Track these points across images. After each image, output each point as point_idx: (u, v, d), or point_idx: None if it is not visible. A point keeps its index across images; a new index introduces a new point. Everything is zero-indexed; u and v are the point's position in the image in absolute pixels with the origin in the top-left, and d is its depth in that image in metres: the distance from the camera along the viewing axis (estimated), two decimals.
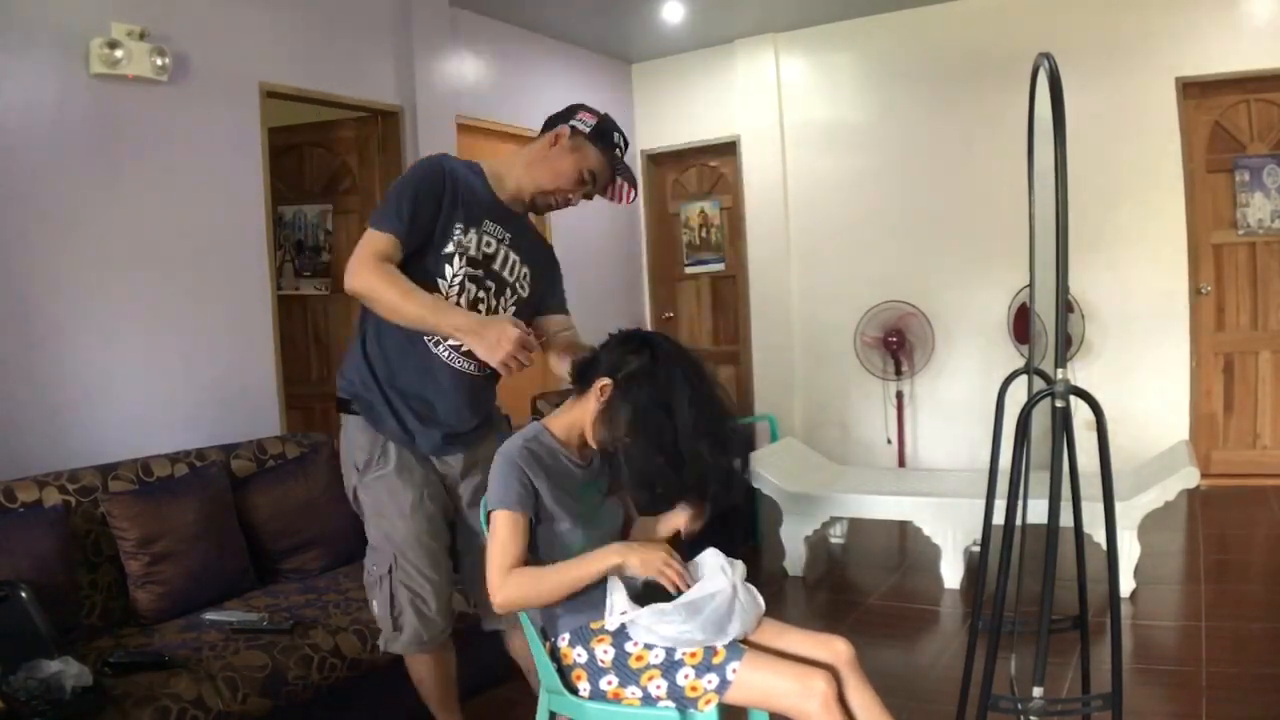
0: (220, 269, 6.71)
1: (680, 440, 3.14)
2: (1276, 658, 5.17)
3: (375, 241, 3.60)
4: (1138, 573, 6.36)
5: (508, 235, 3.86)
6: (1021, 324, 9.09)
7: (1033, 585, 3.11)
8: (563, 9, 9.41)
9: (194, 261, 6.52)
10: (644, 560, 3.12)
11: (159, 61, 6.18)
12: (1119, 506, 6.06)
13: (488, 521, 3.23)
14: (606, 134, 3.83)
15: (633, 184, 3.95)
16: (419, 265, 3.68)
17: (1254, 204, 8.91)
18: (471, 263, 3.76)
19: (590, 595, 3.24)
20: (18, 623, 3.92)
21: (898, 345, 9.73)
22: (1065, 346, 2.85)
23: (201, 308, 6.56)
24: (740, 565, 3.30)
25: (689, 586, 3.12)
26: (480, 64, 9.28)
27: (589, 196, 3.95)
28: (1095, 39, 9.17)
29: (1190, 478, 6.21)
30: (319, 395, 8.72)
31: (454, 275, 3.73)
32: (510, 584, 3.13)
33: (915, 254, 10.18)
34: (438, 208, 3.70)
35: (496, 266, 3.84)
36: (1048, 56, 3.09)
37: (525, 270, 3.93)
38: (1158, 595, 6.40)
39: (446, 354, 3.82)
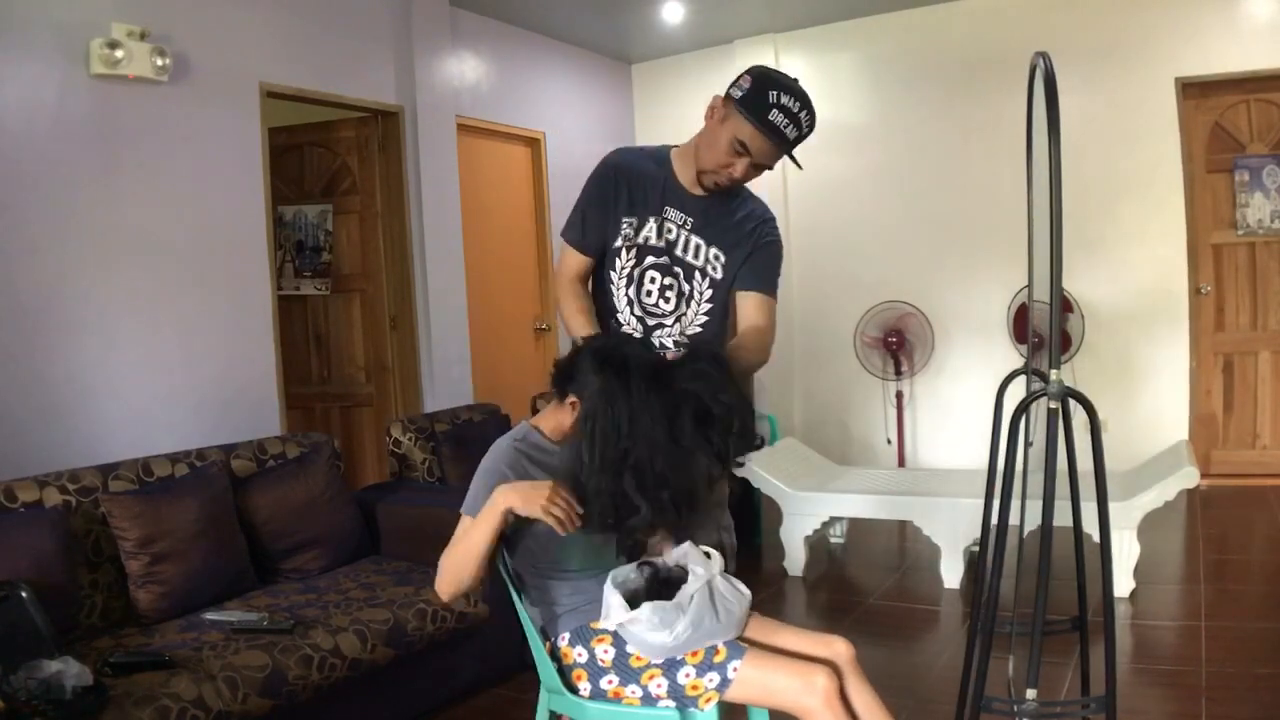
0: (220, 269, 6.72)
1: (625, 479, 3.08)
2: (1276, 658, 5.17)
3: (563, 256, 3.88)
4: (1137, 573, 6.36)
5: (689, 220, 3.79)
6: (1021, 324, 9.09)
7: (1031, 586, 3.11)
8: (563, 9, 9.41)
9: (194, 261, 6.53)
10: (525, 498, 3.05)
11: (159, 61, 6.19)
12: (1118, 506, 6.07)
13: None
14: (759, 98, 3.50)
15: (786, 151, 3.62)
16: (602, 262, 3.85)
17: (1254, 204, 8.92)
18: (654, 251, 3.78)
19: (592, 595, 3.25)
20: (18, 623, 3.92)
21: (898, 345, 9.73)
22: (1064, 346, 2.85)
23: (202, 307, 6.57)
24: (716, 556, 3.29)
25: (577, 523, 3.07)
26: (480, 64, 9.28)
27: (759, 170, 3.69)
28: (1095, 39, 9.18)
29: (1190, 478, 6.21)
30: (319, 395, 8.75)
31: (622, 268, 3.79)
32: (440, 571, 3.19)
33: (915, 254, 10.18)
34: (605, 207, 3.77)
35: (679, 252, 3.80)
36: (1044, 56, 3.10)
37: (715, 252, 3.81)
38: (1157, 595, 6.40)
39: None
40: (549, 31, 10.05)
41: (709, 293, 3.82)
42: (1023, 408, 3.24)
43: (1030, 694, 3.19)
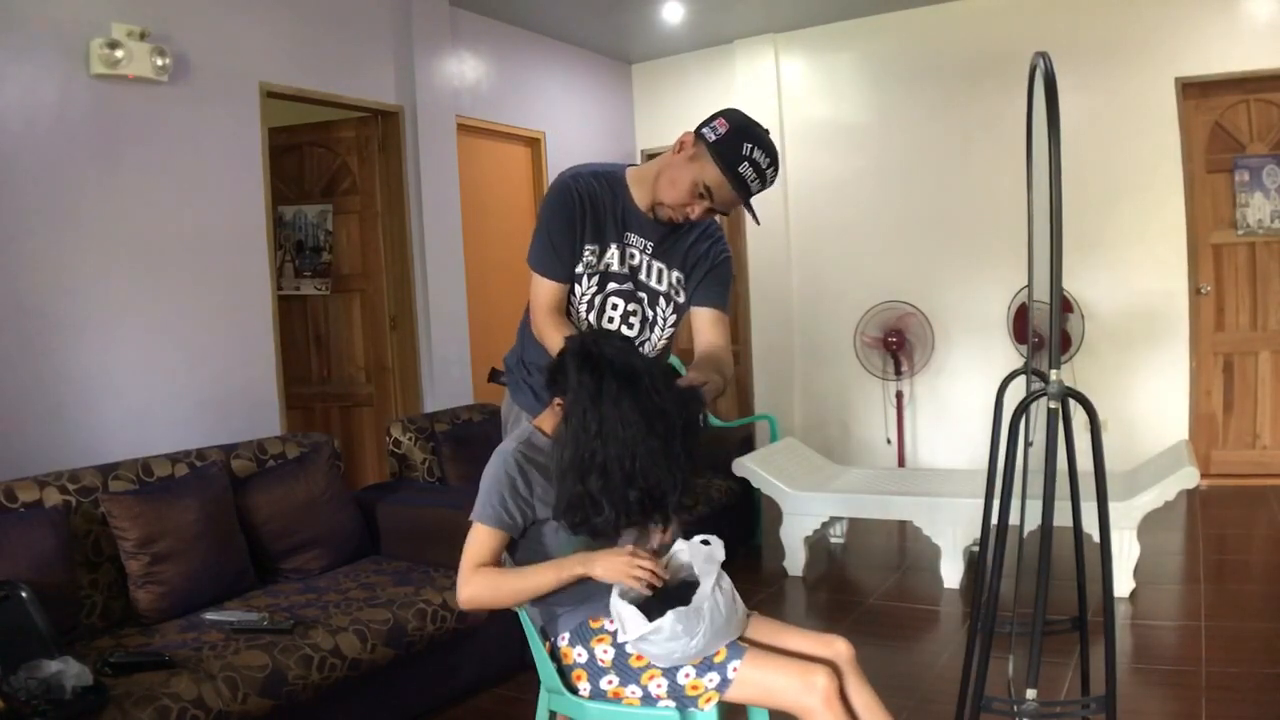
0: (221, 269, 6.72)
1: (591, 480, 3.05)
2: (1276, 658, 5.17)
3: (536, 288, 3.76)
4: (1137, 573, 6.36)
5: (649, 244, 3.75)
6: (1021, 324, 9.09)
7: (1031, 586, 3.10)
8: (563, 9, 9.41)
9: (194, 261, 6.54)
10: (607, 568, 3.05)
11: (159, 61, 6.19)
12: (1119, 506, 6.07)
13: None
14: (733, 148, 3.48)
15: (750, 212, 3.69)
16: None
17: (1253, 204, 8.92)
18: (616, 278, 3.74)
19: (590, 594, 3.24)
20: (18, 623, 3.92)
21: (897, 345, 9.73)
22: (1064, 346, 2.85)
23: (202, 308, 6.58)
24: (717, 542, 3.26)
25: (663, 582, 3.10)
26: (480, 64, 9.28)
27: (715, 214, 3.72)
28: (1095, 39, 9.18)
29: (1190, 478, 6.20)
30: (319, 395, 8.75)
31: (583, 295, 3.74)
32: (475, 581, 3.16)
33: (915, 254, 10.19)
34: (571, 233, 3.70)
35: (643, 277, 3.76)
36: (1044, 56, 3.10)
37: (676, 275, 3.80)
38: (1157, 595, 6.39)
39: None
40: (549, 31, 10.05)
41: (673, 317, 3.83)
42: (1023, 408, 3.24)
43: (1030, 694, 3.19)
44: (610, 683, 3.17)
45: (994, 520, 3.48)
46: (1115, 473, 6.44)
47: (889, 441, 10.31)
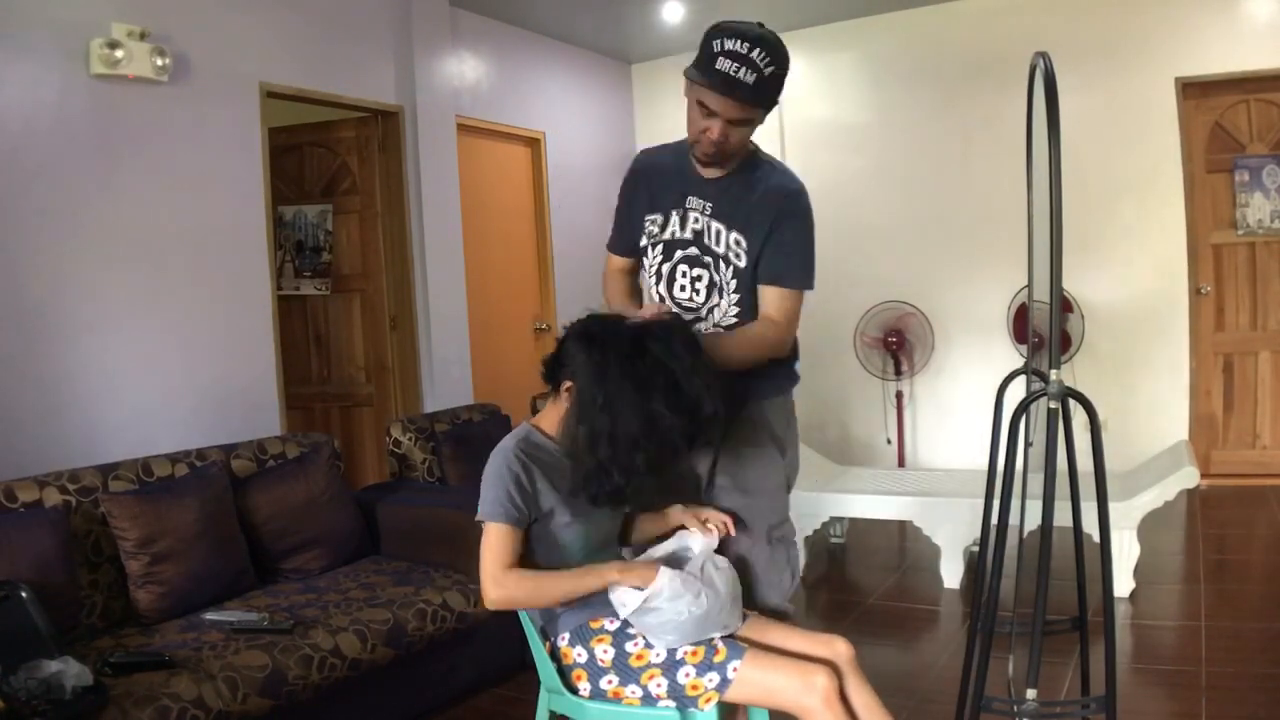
0: (221, 269, 6.72)
1: (616, 446, 3.08)
2: (1276, 658, 5.18)
3: (608, 258, 4.04)
4: (1137, 573, 6.36)
5: (708, 205, 3.68)
6: (1021, 324, 9.09)
7: (1031, 586, 3.11)
8: (563, 9, 9.41)
9: (194, 261, 6.53)
10: (645, 581, 3.09)
11: (159, 61, 6.19)
12: (1119, 506, 6.07)
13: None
14: (703, 53, 3.48)
15: (751, 97, 3.44)
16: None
17: (1253, 204, 8.92)
18: (682, 244, 3.70)
19: (591, 595, 3.25)
20: (18, 623, 3.92)
21: (897, 345, 9.73)
22: (1064, 346, 2.85)
23: (202, 307, 6.58)
24: (713, 531, 3.35)
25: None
26: (480, 64, 9.28)
27: (741, 124, 3.52)
28: (1095, 39, 9.18)
29: (1190, 478, 6.21)
30: (319, 395, 8.75)
31: (651, 265, 3.77)
32: (510, 582, 3.11)
33: (915, 254, 10.18)
34: (631, 209, 3.83)
35: (708, 241, 3.68)
36: (1044, 56, 3.10)
37: (735, 236, 3.67)
38: (1157, 595, 6.40)
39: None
40: (549, 31, 10.05)
41: (734, 283, 3.68)
42: (1023, 408, 3.25)
43: (1030, 694, 3.19)
44: (610, 683, 3.17)
45: (994, 520, 3.48)
46: (1115, 473, 6.44)
47: (889, 441, 10.31)
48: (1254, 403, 9.19)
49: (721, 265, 3.67)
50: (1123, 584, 6.27)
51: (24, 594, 3.99)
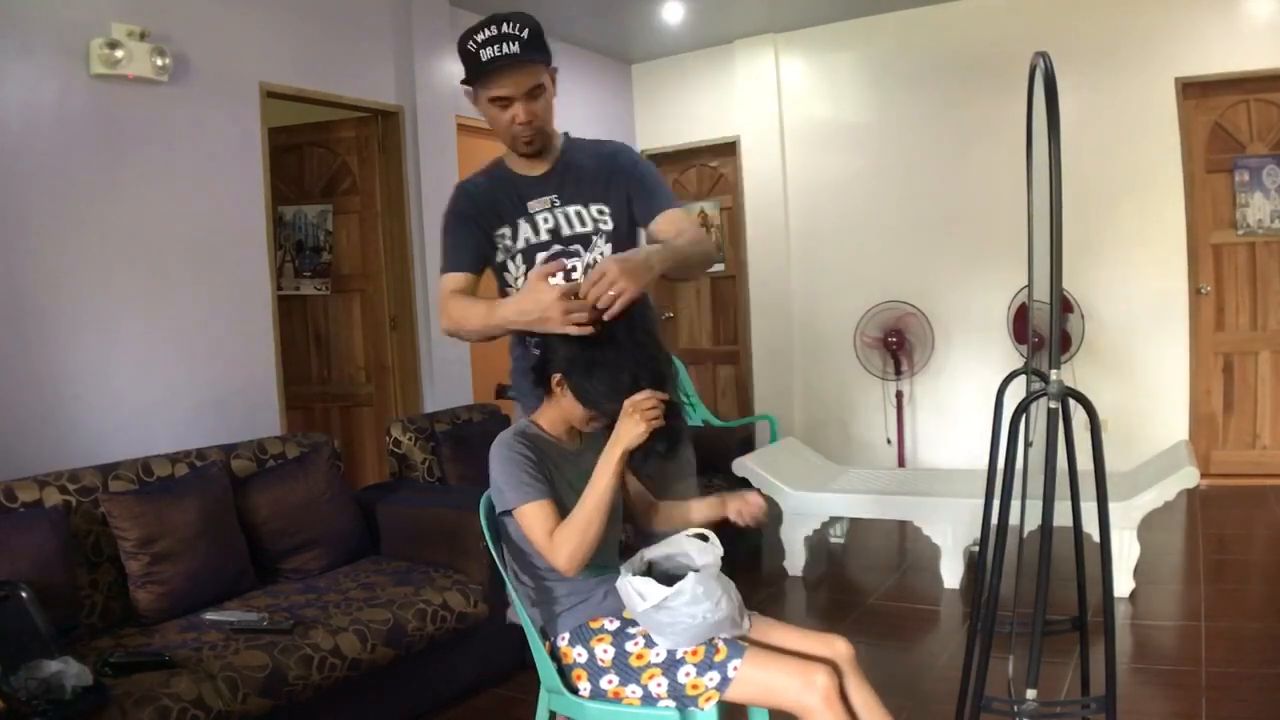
0: (221, 269, 6.72)
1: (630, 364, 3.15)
2: (1276, 658, 5.17)
3: (444, 283, 3.71)
4: (1137, 573, 6.36)
5: (554, 197, 3.72)
6: (1021, 324, 9.09)
7: (1031, 586, 3.11)
8: (563, 9, 9.40)
9: (194, 261, 6.53)
10: (630, 435, 3.08)
11: (159, 61, 6.19)
12: (1119, 506, 6.07)
13: (489, 523, 3.25)
14: (465, 60, 3.49)
15: (528, 60, 3.49)
16: (499, 281, 3.82)
17: (1253, 204, 8.92)
18: (540, 248, 3.70)
19: (590, 593, 3.26)
20: (18, 623, 3.92)
21: (897, 345, 9.74)
22: (1064, 346, 2.85)
23: (202, 308, 6.58)
24: (714, 538, 3.31)
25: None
26: None
27: (537, 95, 3.55)
28: (1095, 39, 9.18)
29: (1190, 478, 6.21)
30: (319, 395, 8.75)
31: (517, 278, 3.72)
32: (559, 545, 3.09)
33: (915, 254, 10.19)
34: (469, 228, 3.71)
35: (567, 232, 3.71)
36: (1044, 56, 3.10)
37: (596, 208, 3.74)
38: (1157, 595, 6.40)
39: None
40: (549, 31, 9.93)
41: (608, 248, 3.73)
42: (1023, 408, 3.24)
43: (1030, 694, 3.19)
44: (610, 682, 3.17)
45: (994, 520, 3.48)
46: (1115, 473, 6.43)
47: (889, 441, 10.31)
48: (1254, 403, 9.19)
49: (593, 240, 3.73)
50: (1123, 584, 6.27)
51: (24, 594, 3.99)
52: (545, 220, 3.71)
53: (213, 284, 6.66)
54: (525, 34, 3.46)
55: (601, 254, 3.72)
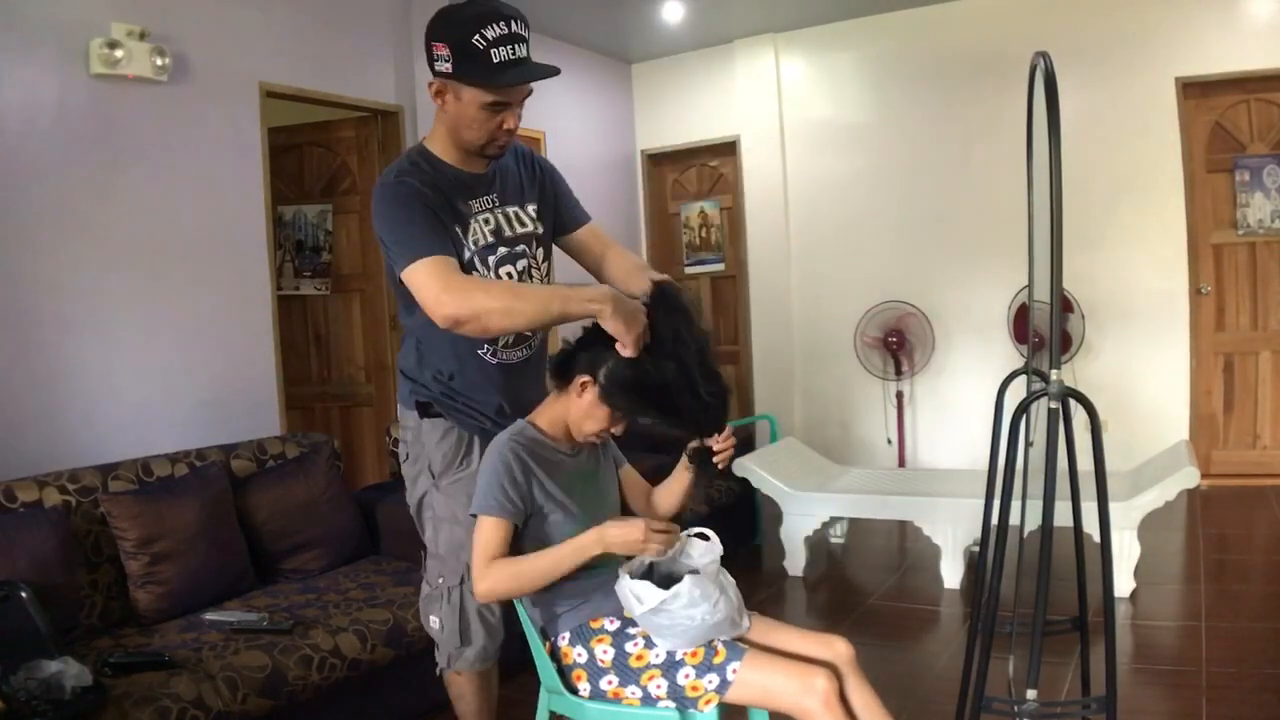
0: (220, 269, 6.71)
1: (677, 398, 3.15)
2: (1277, 658, 5.17)
3: (436, 265, 3.26)
4: (1138, 573, 6.36)
5: (493, 197, 3.59)
6: (1021, 324, 9.10)
7: (1032, 586, 3.10)
8: (562, 9, 9.40)
9: (194, 261, 6.53)
10: (625, 544, 3.08)
11: (159, 61, 6.19)
12: (1119, 506, 6.07)
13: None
14: (470, 56, 3.23)
15: (545, 73, 3.32)
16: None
17: (1254, 204, 8.92)
18: (491, 249, 3.55)
19: (590, 593, 3.26)
20: (18, 623, 3.92)
21: (898, 345, 9.74)
22: (1065, 346, 2.84)
23: (202, 308, 6.57)
24: (714, 537, 3.34)
25: (675, 545, 3.17)
26: None
27: (519, 113, 3.44)
28: (1095, 39, 9.18)
29: (1190, 478, 6.20)
30: (319, 395, 8.74)
31: (491, 274, 3.56)
32: (491, 574, 3.11)
33: (915, 254, 10.19)
34: (433, 214, 3.39)
35: (508, 233, 3.59)
36: (1044, 55, 3.09)
37: (530, 209, 3.69)
38: (1158, 595, 6.40)
39: (491, 354, 3.61)
40: (549, 31, 10.04)
41: (540, 251, 3.73)
42: (1023, 408, 3.24)
43: (1031, 694, 3.19)
44: (610, 683, 3.17)
45: (994, 520, 3.48)
46: (1116, 473, 6.43)
47: (889, 442, 10.32)
48: (1254, 403, 9.19)
49: (533, 243, 3.68)
50: (1123, 584, 6.27)
51: (24, 594, 3.99)
52: (487, 221, 3.59)
53: (212, 284, 6.66)
54: (528, 34, 3.31)
55: (540, 257, 3.72)
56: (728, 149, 11.25)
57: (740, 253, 11.24)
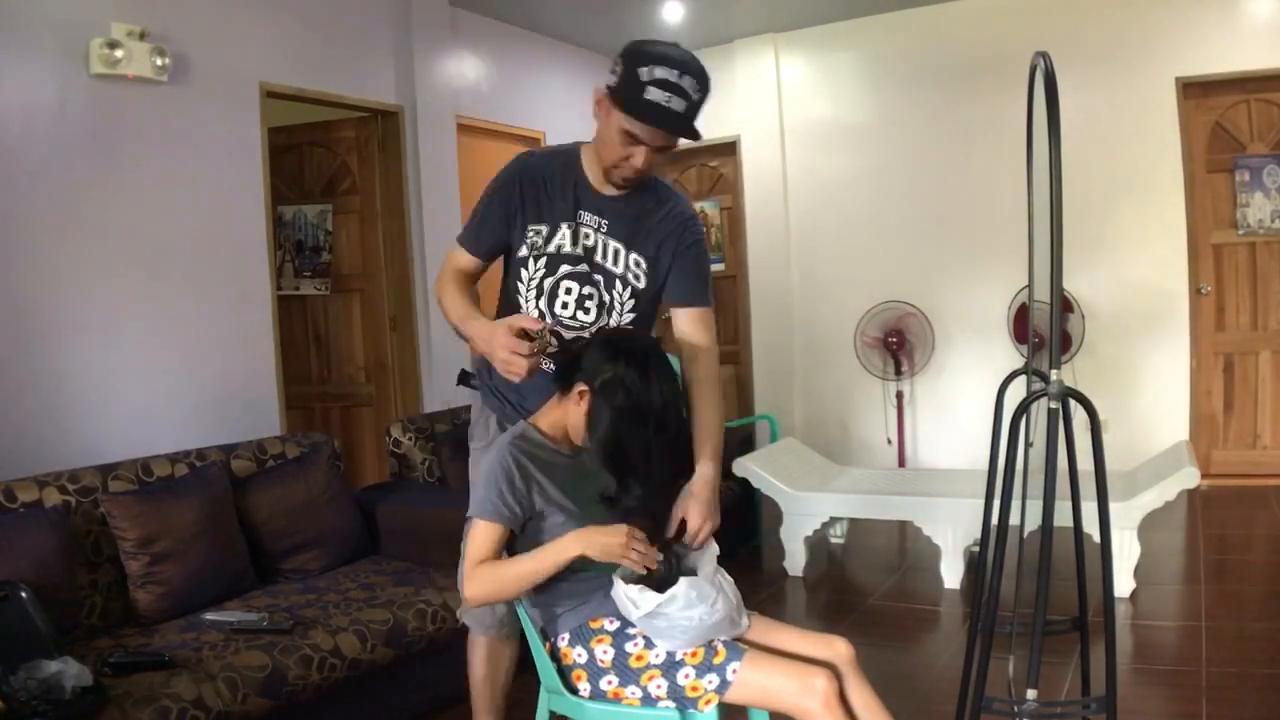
0: (220, 269, 6.71)
1: (651, 455, 3.17)
2: (1277, 658, 5.17)
3: (450, 255, 3.73)
4: (1138, 573, 6.36)
5: (604, 223, 3.59)
6: (1021, 324, 9.10)
7: (1032, 586, 3.11)
8: (562, 9, 9.42)
9: (194, 261, 6.53)
10: (604, 547, 3.07)
11: (159, 61, 6.19)
12: (1119, 506, 6.07)
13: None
14: (630, 82, 3.28)
15: (683, 126, 3.34)
16: (510, 270, 3.69)
17: (1254, 204, 8.92)
18: (570, 260, 3.58)
19: (590, 594, 3.25)
20: (18, 623, 3.92)
21: (898, 345, 9.74)
22: (1065, 346, 2.84)
23: (202, 308, 6.57)
24: (711, 541, 3.38)
25: (658, 564, 3.14)
26: (480, 64, 9.28)
27: (661, 151, 3.44)
28: (1095, 39, 9.18)
29: (1190, 478, 6.20)
30: (319, 395, 8.75)
31: (530, 279, 3.60)
32: (476, 578, 3.14)
33: (915, 254, 10.19)
34: (508, 211, 3.60)
35: (599, 259, 3.60)
36: (1044, 56, 3.09)
37: (635, 258, 3.62)
38: (1158, 595, 6.40)
39: None
40: (549, 31, 10.05)
41: (630, 302, 3.67)
42: (1023, 408, 3.24)
43: (1031, 694, 3.19)
44: (610, 683, 3.17)
45: (994, 520, 3.48)
46: (1115, 473, 6.43)
47: (889, 442, 10.31)
48: (1254, 403, 9.19)
49: (618, 285, 3.64)
50: (1123, 584, 6.27)
51: (24, 594, 3.99)
52: (587, 236, 3.60)
53: (212, 284, 6.66)
54: (695, 98, 3.33)
55: (620, 303, 3.66)
56: (728, 149, 11.24)
57: (740, 253, 11.24)
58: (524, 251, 3.59)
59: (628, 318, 3.69)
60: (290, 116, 8.23)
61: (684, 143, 3.51)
